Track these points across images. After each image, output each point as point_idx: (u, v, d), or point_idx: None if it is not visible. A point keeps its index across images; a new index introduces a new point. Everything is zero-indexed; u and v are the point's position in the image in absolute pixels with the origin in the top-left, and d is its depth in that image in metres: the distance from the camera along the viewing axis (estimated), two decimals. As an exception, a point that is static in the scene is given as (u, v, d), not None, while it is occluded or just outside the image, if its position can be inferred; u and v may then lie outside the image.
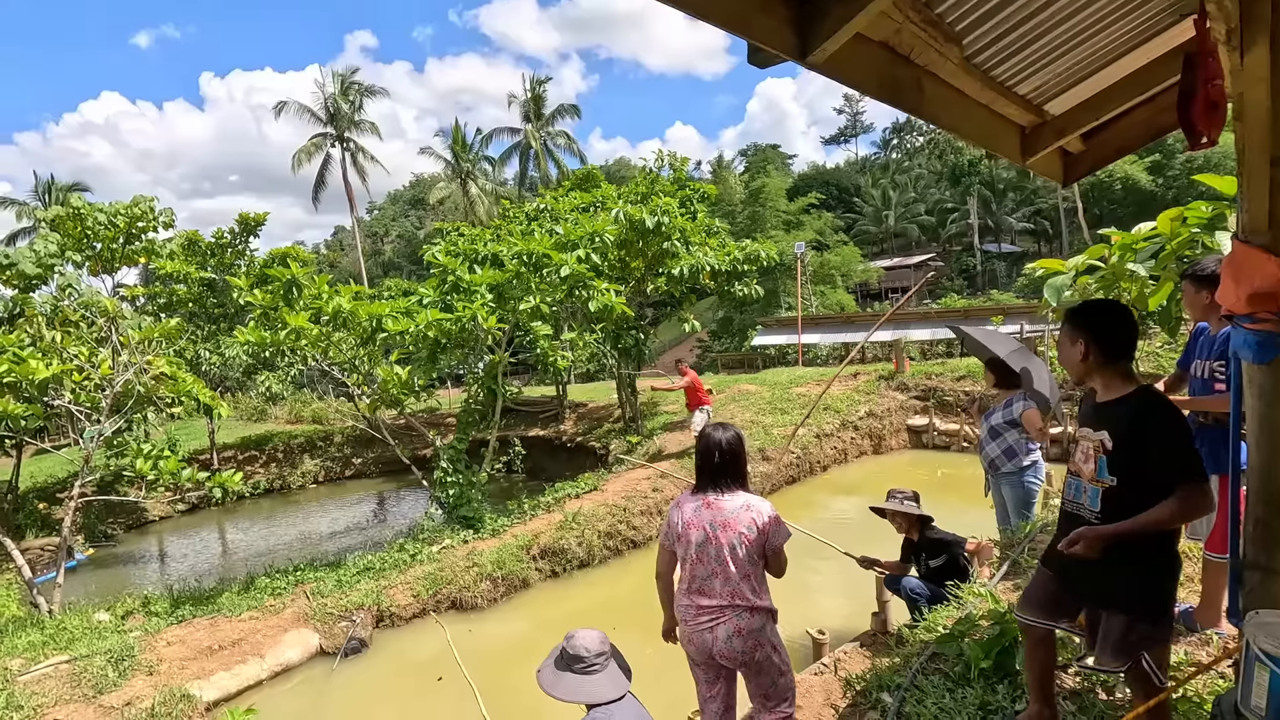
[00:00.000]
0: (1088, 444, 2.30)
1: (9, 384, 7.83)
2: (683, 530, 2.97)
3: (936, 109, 2.22)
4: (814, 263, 32.29)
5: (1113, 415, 2.22)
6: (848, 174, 63.55)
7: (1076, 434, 2.42)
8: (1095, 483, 2.25)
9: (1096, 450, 2.24)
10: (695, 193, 14.43)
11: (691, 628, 2.94)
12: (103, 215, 12.87)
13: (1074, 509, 2.36)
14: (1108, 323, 2.26)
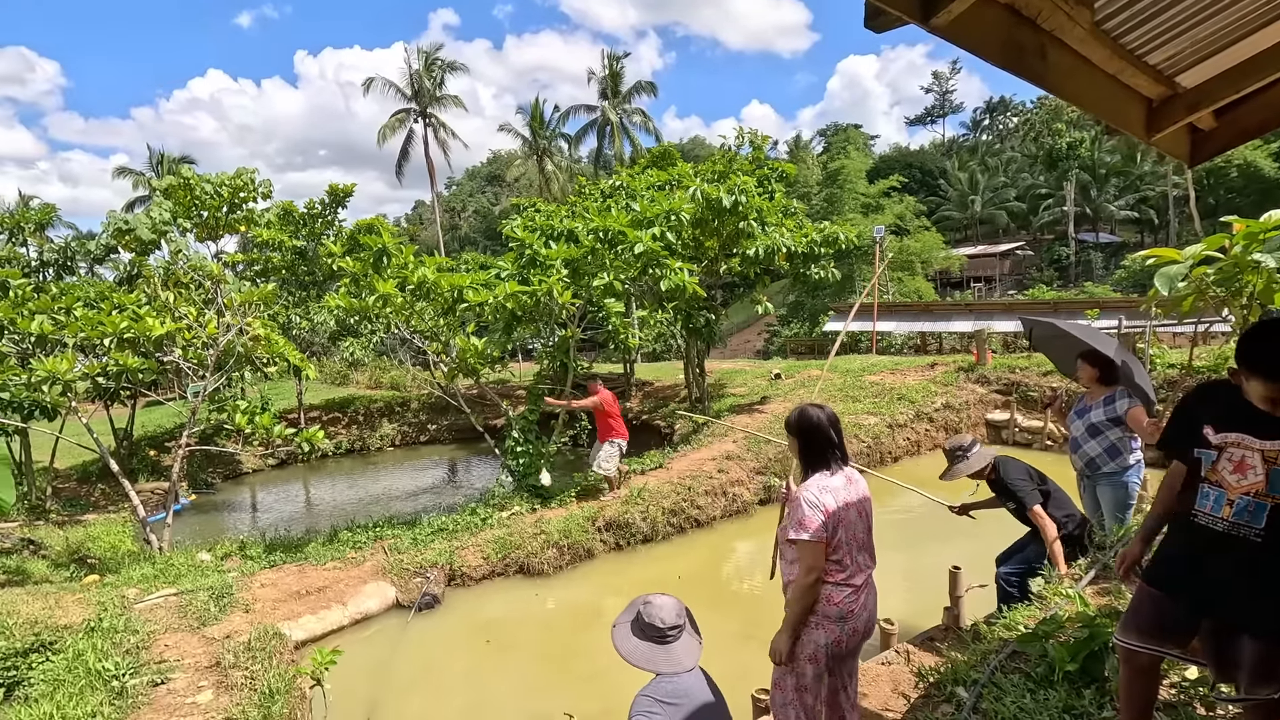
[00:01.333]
0: (1250, 453, 2.02)
1: (129, 339, 8.52)
2: (842, 511, 2.77)
3: (1059, 78, 2.08)
4: (892, 248, 31.17)
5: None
6: (932, 156, 60.78)
7: (1224, 441, 2.08)
8: (1265, 498, 1.98)
9: (1271, 460, 1.98)
10: (774, 172, 14.13)
11: (854, 614, 2.80)
12: (209, 185, 13.70)
13: (1218, 525, 2.09)
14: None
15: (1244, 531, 2.02)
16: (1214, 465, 2.10)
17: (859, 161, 35.49)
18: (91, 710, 4.51)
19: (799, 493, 2.77)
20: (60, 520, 10.98)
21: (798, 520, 2.72)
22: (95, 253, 13.60)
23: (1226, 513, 2.05)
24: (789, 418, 3.02)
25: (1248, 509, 2.01)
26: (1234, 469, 2.05)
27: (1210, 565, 2.11)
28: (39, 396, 7.93)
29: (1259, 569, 2.02)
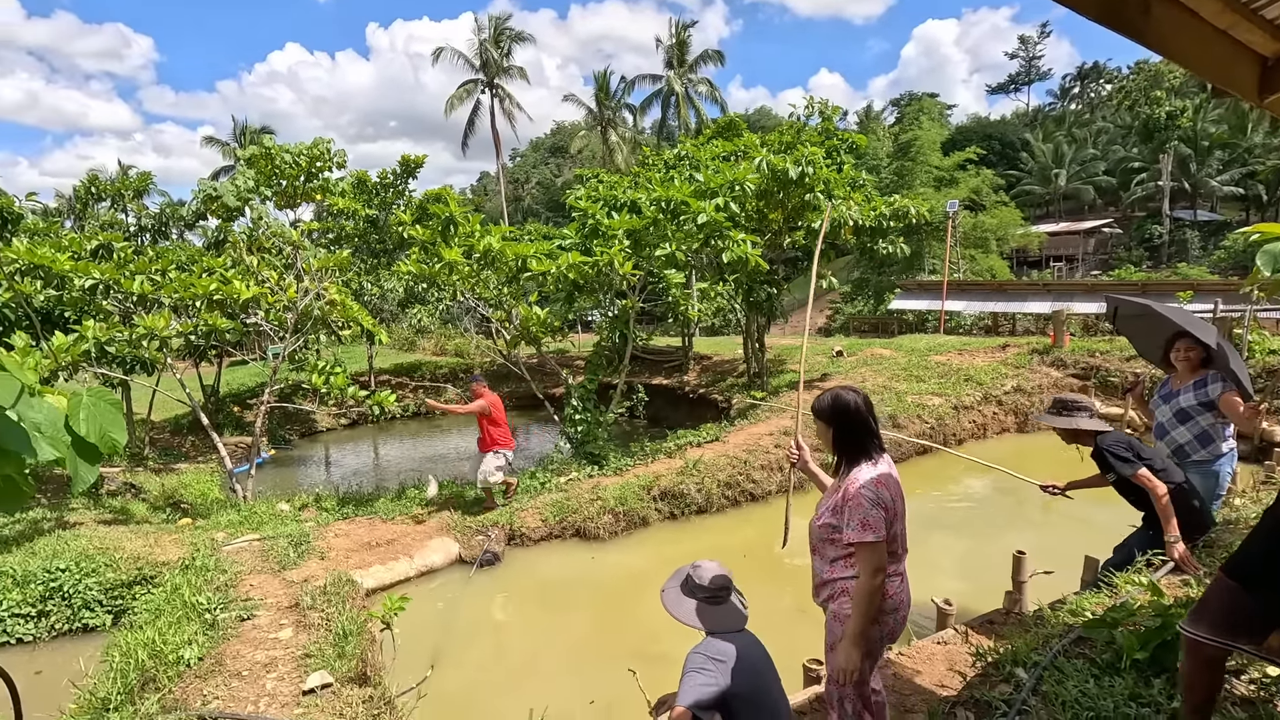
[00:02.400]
0: None
1: (217, 301, 9.04)
2: (897, 504, 2.63)
3: (1163, 34, 1.95)
4: (966, 224, 29.85)
5: None
6: (1014, 127, 57.53)
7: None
8: None
9: None
10: (843, 143, 13.71)
11: (904, 602, 2.70)
12: (288, 155, 14.25)
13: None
14: None
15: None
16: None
17: (933, 132, 33.91)
18: (188, 638, 4.93)
19: (857, 490, 2.55)
20: (156, 468, 11.87)
21: (860, 521, 2.50)
22: (186, 219, 14.44)
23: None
24: (819, 403, 2.71)
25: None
26: None
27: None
28: (139, 352, 8.53)
29: None
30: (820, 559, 2.72)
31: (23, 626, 6.17)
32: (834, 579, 2.66)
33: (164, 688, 4.34)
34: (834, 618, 2.66)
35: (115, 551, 6.85)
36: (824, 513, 2.72)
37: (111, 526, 8.09)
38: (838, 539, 2.63)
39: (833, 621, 2.67)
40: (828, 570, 2.68)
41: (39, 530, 7.66)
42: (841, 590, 2.63)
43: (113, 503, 9.34)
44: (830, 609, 2.69)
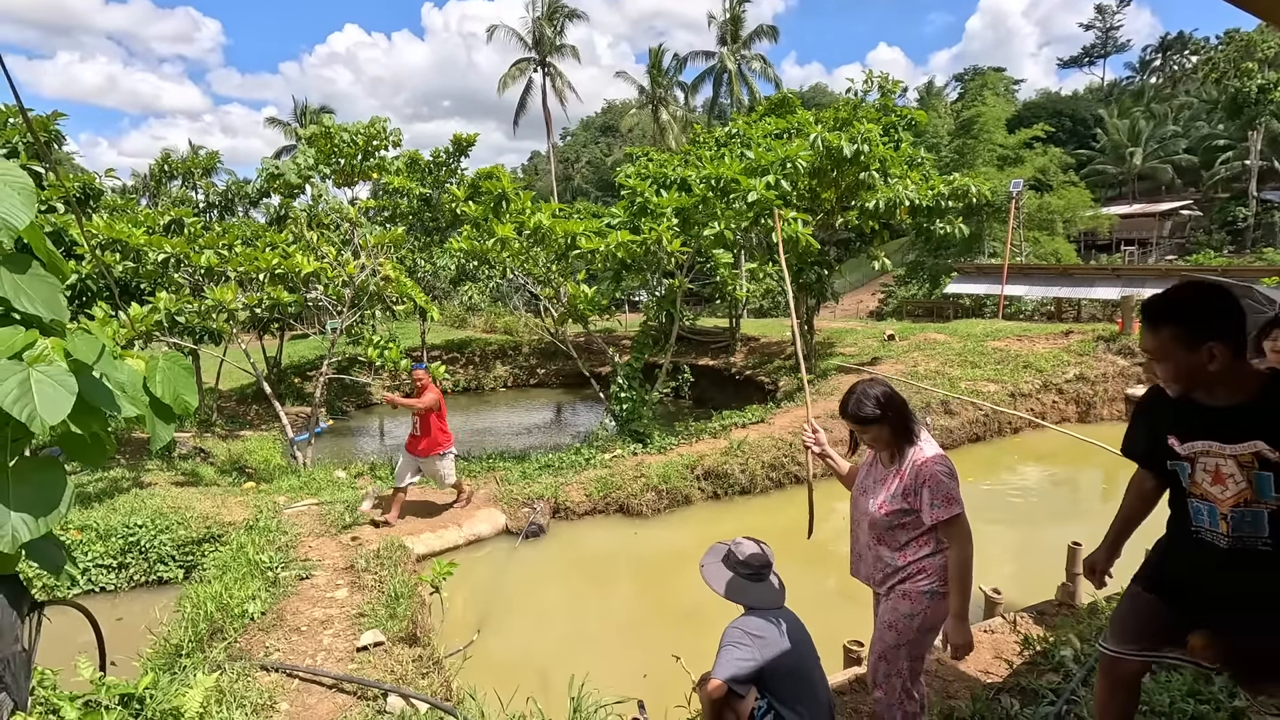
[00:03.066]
0: (1218, 460, 1.79)
1: (280, 275, 9.40)
2: None
3: None
4: (1031, 205, 28.56)
5: (1261, 419, 1.73)
6: (1086, 103, 54.55)
7: (1192, 451, 1.85)
8: (1258, 505, 1.76)
9: (1248, 466, 1.75)
10: (902, 119, 13.24)
11: None
12: (346, 134, 14.62)
13: (1220, 542, 1.86)
14: (1229, 309, 1.74)
15: (1250, 543, 1.80)
16: (1191, 478, 1.87)
17: (997, 109, 32.39)
18: (252, 593, 5.21)
19: (931, 469, 2.51)
20: (223, 434, 12.49)
21: (944, 497, 2.46)
22: (251, 196, 14.99)
23: (1225, 528, 1.82)
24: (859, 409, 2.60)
25: (1246, 520, 1.78)
26: (1213, 480, 1.82)
27: (1222, 581, 1.88)
28: (208, 323, 8.96)
29: (1275, 580, 1.79)
30: (888, 548, 2.63)
31: (105, 577, 6.62)
32: (909, 562, 2.58)
33: (230, 638, 4.61)
34: (904, 596, 2.59)
35: (186, 511, 7.27)
36: (887, 501, 2.60)
37: (183, 488, 8.58)
38: (910, 523, 2.56)
39: (901, 600, 2.59)
40: (900, 556, 2.60)
41: (118, 488, 8.17)
42: (919, 570, 2.56)
43: (184, 465, 9.89)
44: (900, 589, 2.60)
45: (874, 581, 2.73)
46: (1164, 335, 1.77)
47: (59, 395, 2.07)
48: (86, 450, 2.46)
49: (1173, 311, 1.77)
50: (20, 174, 2.11)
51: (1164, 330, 1.77)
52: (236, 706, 3.51)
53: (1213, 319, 1.73)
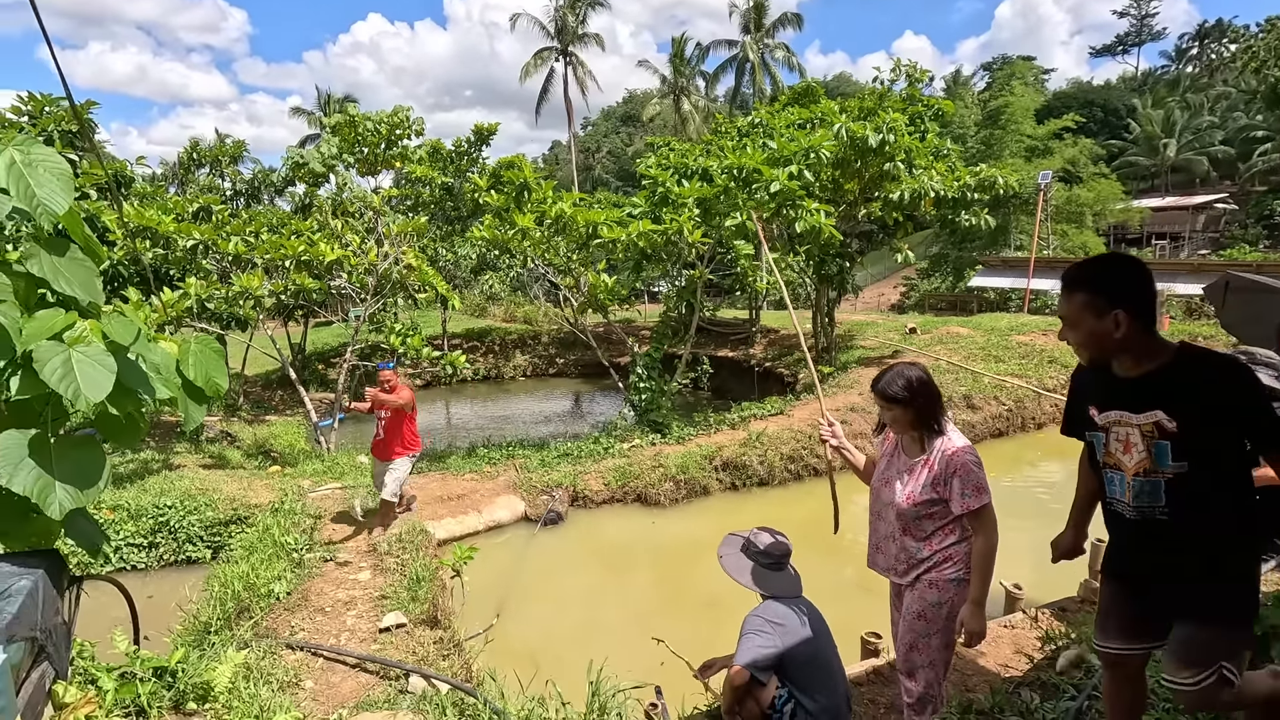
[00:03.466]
0: (1128, 429, 1.82)
1: (305, 262, 9.52)
2: None
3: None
4: (1059, 197, 28.01)
5: (1164, 387, 1.76)
6: (1119, 92, 53.24)
7: (1108, 421, 1.88)
8: (1156, 474, 1.78)
9: (1149, 436, 1.78)
10: (928, 109, 13.03)
11: None
12: (370, 122, 14.71)
13: (1125, 510, 1.90)
14: (1139, 280, 1.78)
15: (1149, 513, 1.83)
16: (1106, 447, 1.91)
17: (1026, 99, 31.73)
18: (278, 574, 5.32)
19: (961, 458, 2.48)
20: (249, 419, 12.73)
21: (974, 486, 2.45)
22: (276, 184, 15.18)
23: (1129, 497, 1.86)
24: (890, 386, 2.57)
25: (1145, 490, 1.82)
26: (1124, 449, 1.85)
27: (1135, 553, 1.93)
28: (235, 309, 9.11)
29: (1175, 549, 1.82)
30: (913, 538, 2.60)
31: (136, 555, 6.80)
32: (934, 551, 2.56)
33: (257, 617, 4.71)
34: (931, 585, 2.56)
35: (214, 493, 7.43)
36: (915, 491, 2.56)
37: (210, 470, 8.77)
38: (937, 512, 2.54)
39: (928, 589, 2.56)
40: (926, 546, 2.57)
41: (149, 470, 8.37)
42: (945, 558, 2.54)
43: (211, 449, 10.10)
44: (926, 578, 2.57)
45: (896, 572, 2.70)
46: (1075, 301, 1.81)
47: (100, 375, 2.14)
48: (122, 431, 2.53)
49: (1084, 278, 1.81)
50: (59, 160, 2.17)
51: (1076, 296, 1.81)
52: (263, 683, 3.60)
53: (1121, 287, 1.77)
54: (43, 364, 2.01)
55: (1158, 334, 1.81)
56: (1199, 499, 1.75)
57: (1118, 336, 1.76)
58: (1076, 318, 1.81)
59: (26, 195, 2.08)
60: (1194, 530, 1.77)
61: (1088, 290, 1.79)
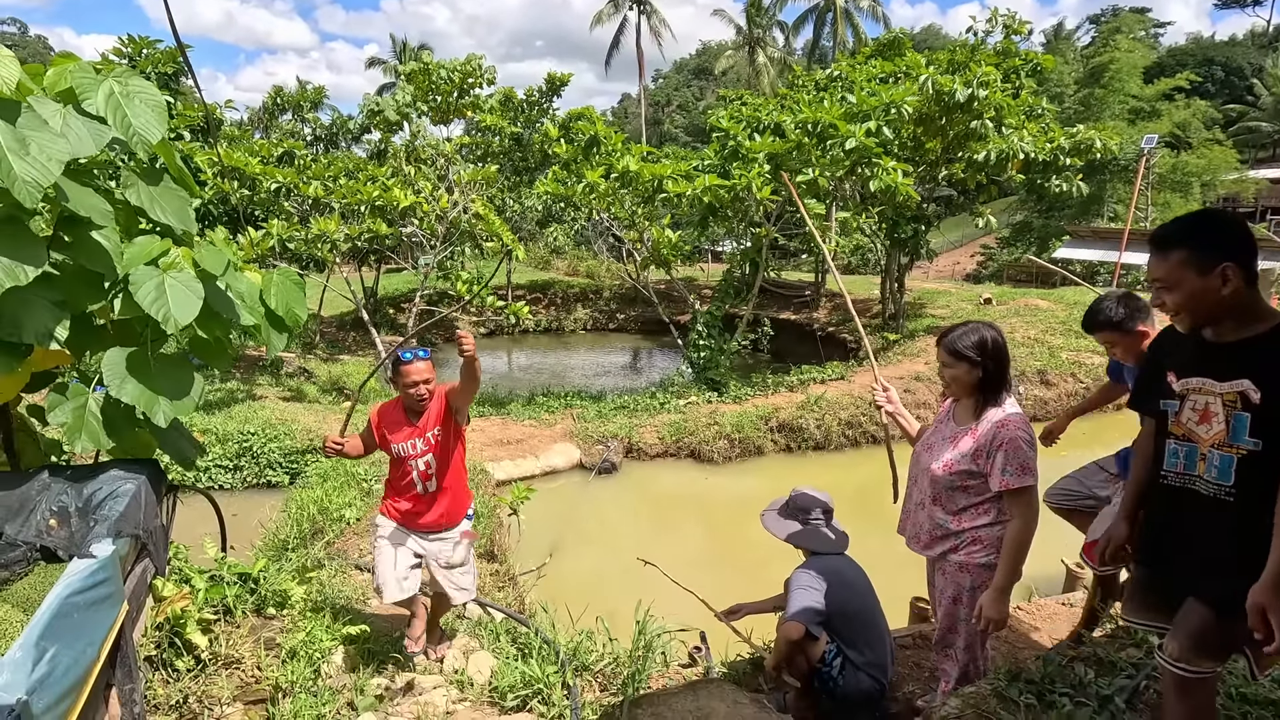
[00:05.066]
0: (1208, 398, 1.67)
1: (378, 207, 9.81)
2: None
3: None
4: (1164, 164, 25.87)
5: (1257, 355, 1.60)
6: (1244, 50, 48.30)
7: (1186, 388, 1.72)
8: (1228, 449, 1.63)
9: (1230, 405, 1.62)
10: (1025, 64, 12.13)
11: None
12: (444, 71, 14.84)
13: (1189, 483, 1.73)
14: (1243, 233, 1.64)
15: (1215, 490, 1.67)
16: (1177, 416, 1.75)
17: (1134, 55, 29.15)
18: (348, 501, 5.65)
19: (1013, 432, 2.28)
20: (324, 357, 13.38)
21: (1020, 465, 2.25)
22: (353, 131, 15.56)
23: (1202, 469, 1.69)
24: (961, 341, 2.37)
25: (1217, 463, 1.66)
26: (1200, 419, 1.69)
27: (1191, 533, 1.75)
28: (314, 250, 9.50)
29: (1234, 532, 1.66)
30: (942, 509, 2.44)
31: (223, 476, 7.34)
32: (963, 529, 2.39)
33: (329, 538, 5.04)
34: (961, 568, 2.42)
35: (292, 423, 7.90)
36: (954, 459, 2.37)
37: (289, 403, 9.31)
38: (973, 485, 2.36)
39: (960, 573, 2.43)
40: (954, 521, 2.40)
41: (234, 399, 8.95)
42: (972, 539, 2.38)
43: (290, 383, 10.70)
44: (955, 559, 2.43)
45: (920, 542, 2.56)
46: (1174, 260, 1.65)
47: (189, 299, 2.28)
48: (212, 352, 2.70)
49: (1183, 233, 1.66)
50: (154, 91, 2.27)
51: (1174, 254, 1.65)
52: (335, 597, 3.87)
53: (1226, 239, 1.62)
54: (138, 286, 2.16)
55: (1261, 297, 1.66)
56: (1268, 482, 1.58)
57: (1225, 294, 1.60)
58: (1176, 277, 1.65)
59: (124, 125, 2.19)
60: (1256, 515, 1.61)
61: (1188, 245, 1.64)
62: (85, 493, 2.28)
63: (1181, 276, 1.64)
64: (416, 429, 2.93)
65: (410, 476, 2.97)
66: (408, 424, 2.94)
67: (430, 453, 2.94)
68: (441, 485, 3.01)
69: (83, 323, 2.49)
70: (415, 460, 2.94)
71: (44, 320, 2.14)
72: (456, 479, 3.08)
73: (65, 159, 1.99)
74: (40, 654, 1.44)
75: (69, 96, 2.20)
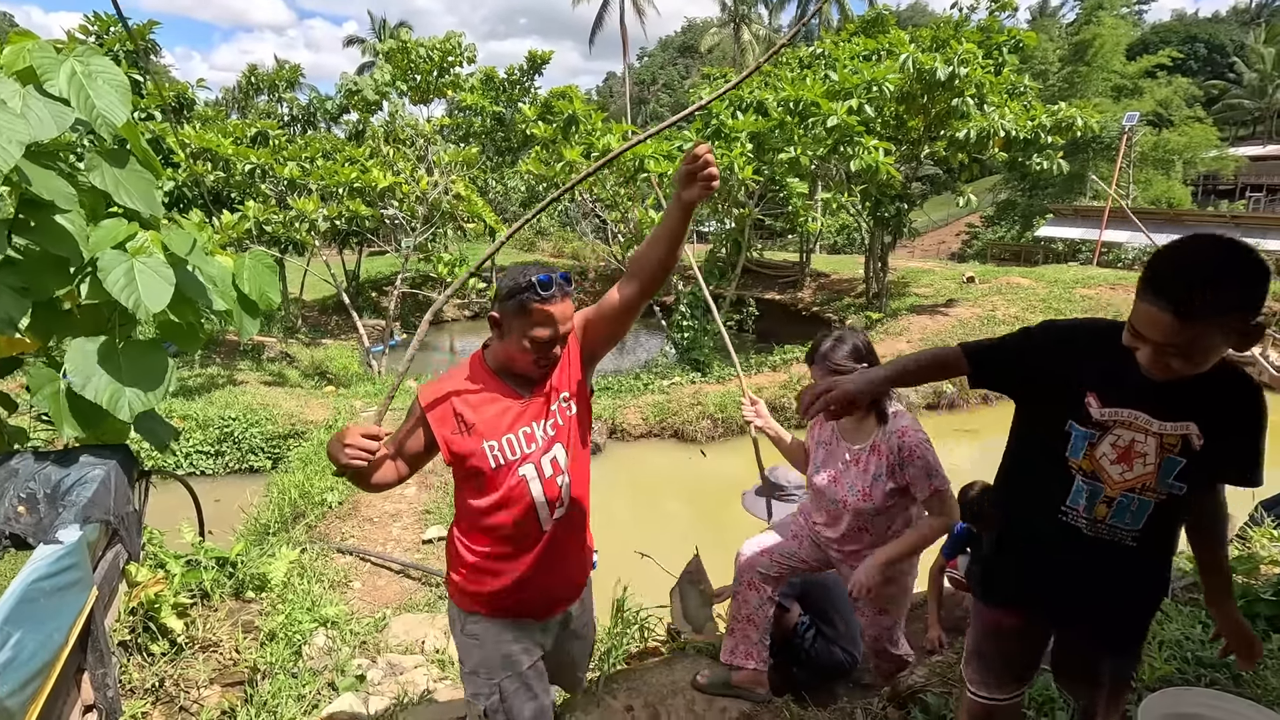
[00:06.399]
0: (1137, 436, 1.38)
1: (358, 189, 9.68)
2: None
3: None
4: (1145, 142, 26.01)
5: (1205, 398, 1.35)
6: (1226, 27, 48.47)
7: (1114, 419, 1.41)
8: (1149, 494, 1.39)
9: (1168, 448, 1.36)
10: (1008, 41, 12.09)
11: None
12: (423, 49, 14.60)
13: (1082, 525, 1.45)
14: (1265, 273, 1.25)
15: (1119, 535, 1.43)
16: (1092, 449, 1.42)
17: (1118, 31, 29.16)
18: (330, 485, 5.65)
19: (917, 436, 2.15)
20: (306, 341, 13.26)
21: (933, 466, 2.13)
22: (331, 111, 15.31)
23: (1102, 513, 1.42)
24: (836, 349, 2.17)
25: (1130, 508, 1.41)
26: (1118, 457, 1.40)
27: (1071, 575, 1.50)
28: (292, 233, 9.38)
29: (1129, 575, 1.47)
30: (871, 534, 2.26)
31: (204, 462, 7.31)
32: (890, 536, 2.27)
33: (311, 522, 5.05)
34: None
35: (274, 408, 7.86)
36: (868, 486, 2.20)
37: (270, 388, 9.24)
38: (897, 504, 2.21)
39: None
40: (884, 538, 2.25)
41: (215, 384, 8.88)
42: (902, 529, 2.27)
43: (271, 368, 10.61)
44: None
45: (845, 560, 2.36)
46: (1206, 327, 1.23)
47: (160, 285, 2.26)
48: (183, 336, 2.69)
49: (1227, 298, 1.21)
50: (117, 72, 2.23)
51: (1210, 323, 1.22)
52: (315, 580, 3.89)
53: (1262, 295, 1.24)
54: (106, 272, 2.13)
55: None
56: (1172, 525, 1.44)
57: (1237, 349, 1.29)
58: (1204, 346, 1.26)
59: (86, 106, 2.15)
60: (1155, 557, 1.47)
61: (1239, 309, 1.22)
62: (54, 479, 2.28)
63: (1210, 345, 1.26)
64: (533, 406, 1.63)
65: (525, 503, 1.62)
66: (513, 402, 1.61)
67: (558, 442, 1.64)
68: (573, 504, 1.70)
69: (47, 308, 2.47)
70: (530, 465, 1.61)
71: (5, 307, 2.11)
72: (585, 488, 1.77)
73: (26, 141, 1.96)
74: (4, 639, 1.45)
75: (29, 76, 2.15)
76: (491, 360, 1.64)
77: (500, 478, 1.58)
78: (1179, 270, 1.24)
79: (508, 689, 1.68)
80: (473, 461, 1.57)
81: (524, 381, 1.63)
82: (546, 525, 1.64)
